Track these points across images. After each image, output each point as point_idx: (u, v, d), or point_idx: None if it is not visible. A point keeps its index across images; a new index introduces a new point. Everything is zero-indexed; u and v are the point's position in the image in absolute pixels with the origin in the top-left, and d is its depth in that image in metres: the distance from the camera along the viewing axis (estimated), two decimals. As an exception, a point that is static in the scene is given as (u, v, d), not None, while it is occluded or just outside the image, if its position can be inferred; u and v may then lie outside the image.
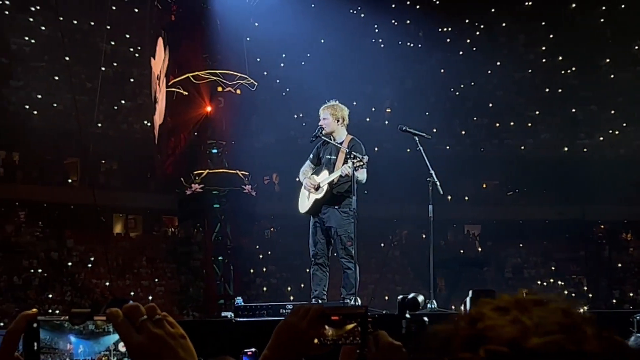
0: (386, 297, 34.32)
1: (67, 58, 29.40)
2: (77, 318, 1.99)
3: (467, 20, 47.40)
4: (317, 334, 2.48)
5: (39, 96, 37.88)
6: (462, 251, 43.11)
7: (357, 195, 10.78)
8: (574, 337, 1.43)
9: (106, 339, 2.12)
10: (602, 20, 46.94)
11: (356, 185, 10.67)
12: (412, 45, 45.84)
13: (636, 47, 47.16)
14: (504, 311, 1.49)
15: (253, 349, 6.32)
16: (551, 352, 1.40)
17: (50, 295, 32.84)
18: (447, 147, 43.83)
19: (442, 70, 45.61)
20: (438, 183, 11.00)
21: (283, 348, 2.50)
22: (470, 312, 1.53)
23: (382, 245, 40.60)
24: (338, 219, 11.02)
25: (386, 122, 43.09)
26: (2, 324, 27.51)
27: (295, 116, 39.60)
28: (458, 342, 1.49)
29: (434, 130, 44.32)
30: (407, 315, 6.72)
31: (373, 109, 43.23)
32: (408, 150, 41.14)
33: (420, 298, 7.16)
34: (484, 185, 47.04)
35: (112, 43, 39.95)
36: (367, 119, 41.34)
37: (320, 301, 11.02)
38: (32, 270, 33.91)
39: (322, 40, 40.38)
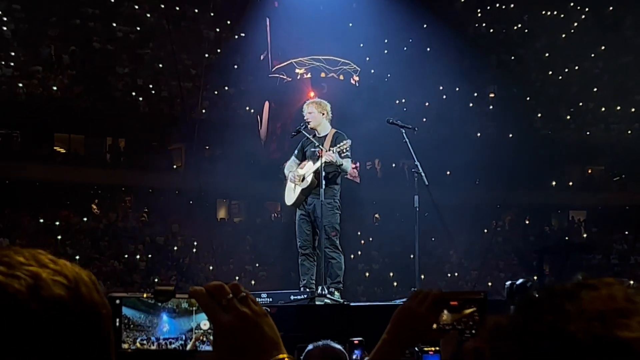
0: (489, 284, 34.11)
1: (172, 45, 29.78)
2: (160, 295, 2.08)
3: (571, 4, 46.73)
4: (435, 319, 2.48)
5: (145, 83, 38.39)
6: (567, 238, 42.55)
7: (342, 184, 11.80)
8: (611, 323, 1.40)
9: (196, 318, 2.17)
10: None
11: (342, 175, 11.65)
12: (516, 29, 45.38)
13: None
14: (554, 297, 1.48)
15: (359, 338, 6.33)
16: (584, 338, 1.39)
17: (156, 280, 33.29)
18: (550, 132, 43.32)
19: (547, 55, 45.01)
20: (423, 174, 11.26)
21: (402, 333, 2.51)
22: (525, 299, 1.54)
23: (485, 231, 40.32)
24: (323, 209, 11.32)
25: (490, 107, 42.78)
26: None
27: (397, 102, 39.35)
28: (502, 330, 1.50)
29: (539, 115, 43.94)
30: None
31: (475, 94, 42.84)
32: (510, 135, 40.81)
33: (529, 284, 7.11)
34: (589, 171, 46.41)
35: (217, 30, 40.32)
36: (470, 104, 41.07)
37: (308, 290, 11.43)
38: (138, 256, 34.41)
39: (425, 26, 40.12)
